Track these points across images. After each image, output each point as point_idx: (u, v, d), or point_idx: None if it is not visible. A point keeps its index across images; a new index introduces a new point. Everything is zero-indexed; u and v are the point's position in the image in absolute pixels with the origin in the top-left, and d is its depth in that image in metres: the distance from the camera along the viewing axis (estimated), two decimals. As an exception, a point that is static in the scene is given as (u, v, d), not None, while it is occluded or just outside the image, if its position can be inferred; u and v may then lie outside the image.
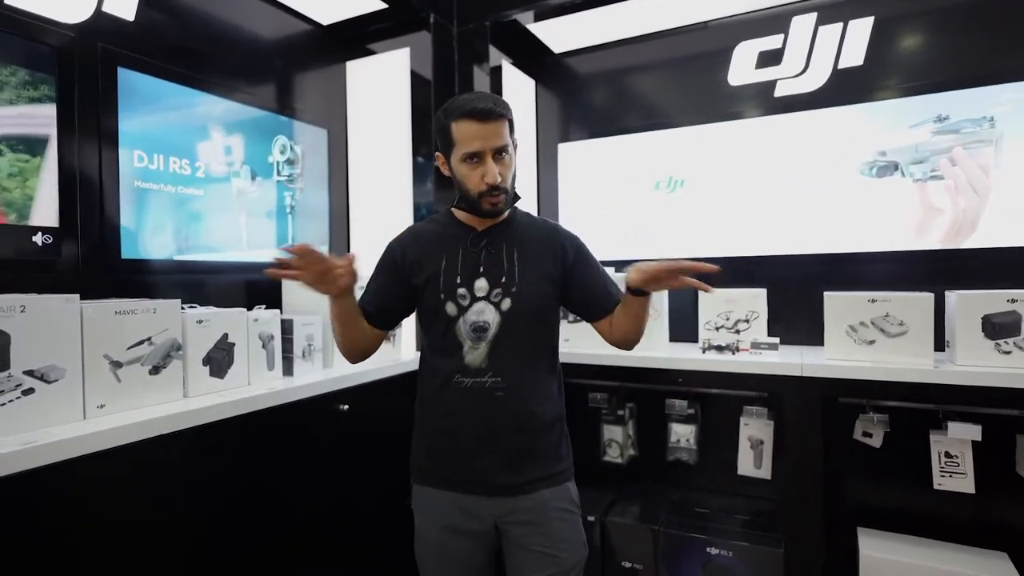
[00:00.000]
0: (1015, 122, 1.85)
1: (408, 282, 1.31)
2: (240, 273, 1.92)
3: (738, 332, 2.04)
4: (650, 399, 2.18)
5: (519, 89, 2.55)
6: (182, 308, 1.41)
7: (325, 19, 2.22)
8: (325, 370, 1.82)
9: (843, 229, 2.07)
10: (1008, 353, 1.59)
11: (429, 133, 2.23)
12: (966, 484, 1.68)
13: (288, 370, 1.69)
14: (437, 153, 1.30)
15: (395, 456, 2.07)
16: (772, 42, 2.19)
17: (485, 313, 1.24)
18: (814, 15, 2.12)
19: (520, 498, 1.24)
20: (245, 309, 1.57)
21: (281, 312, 1.77)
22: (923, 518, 1.85)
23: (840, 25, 2.08)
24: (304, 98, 2.18)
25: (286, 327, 1.69)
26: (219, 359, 1.48)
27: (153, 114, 1.65)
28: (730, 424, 2.06)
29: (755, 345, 1.93)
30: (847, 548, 1.87)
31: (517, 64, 2.52)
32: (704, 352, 1.97)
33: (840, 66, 2.09)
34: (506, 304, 1.25)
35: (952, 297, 1.69)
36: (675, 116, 2.37)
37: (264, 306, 1.67)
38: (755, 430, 1.94)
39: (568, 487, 1.31)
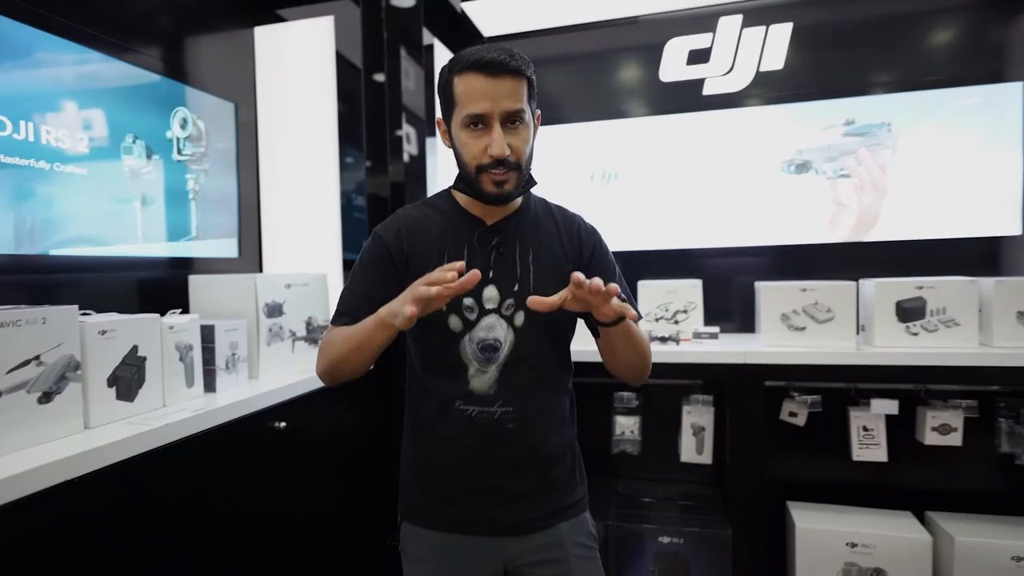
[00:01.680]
0: (909, 128, 2.07)
1: (401, 281, 1.05)
2: (133, 271, 1.60)
3: (677, 323, 2.09)
4: (596, 393, 2.17)
5: (447, 71, 2.40)
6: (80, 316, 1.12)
7: (229, -25, 1.92)
8: (251, 382, 1.57)
9: (769, 223, 2.20)
10: (916, 335, 1.77)
11: (354, 116, 2.02)
12: (880, 453, 1.86)
13: (210, 385, 1.44)
14: (438, 119, 1.07)
15: (354, 479, 1.88)
16: (701, 41, 2.26)
17: (496, 329, 1.03)
18: (739, 17, 2.21)
19: (535, 535, 1.07)
20: (158, 315, 1.30)
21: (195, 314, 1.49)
22: (844, 487, 2.03)
23: (763, 28, 2.19)
24: (207, 65, 1.87)
25: (207, 335, 1.43)
26: (128, 378, 1.20)
27: (18, 70, 1.30)
28: (671, 413, 2.11)
29: (696, 335, 1.99)
30: (780, 522, 2.01)
31: (447, 45, 2.37)
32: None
33: (762, 68, 2.21)
34: (520, 318, 1.04)
35: (869, 285, 1.85)
36: (608, 109, 2.37)
37: (179, 310, 1.40)
38: (697, 417, 2.00)
39: (585, 518, 1.15)
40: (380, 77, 2.02)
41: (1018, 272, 2.01)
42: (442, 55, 2.33)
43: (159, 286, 1.68)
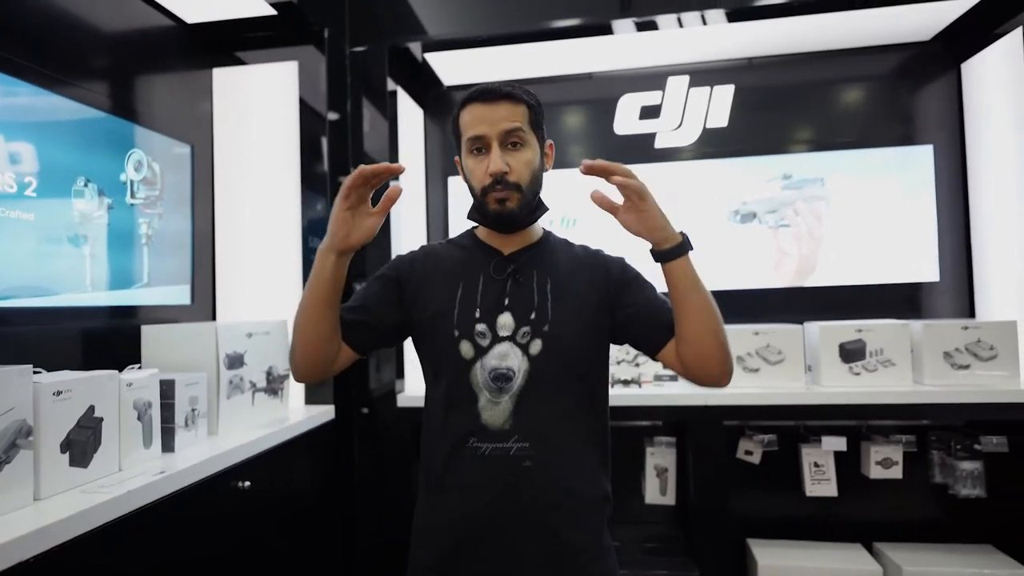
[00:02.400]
0: (839, 183, 2.27)
1: (403, 306, 1.04)
2: (79, 320, 1.49)
3: (638, 365, 2.15)
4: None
5: (410, 118, 2.43)
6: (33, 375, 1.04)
7: (190, 16, 1.88)
8: (211, 439, 1.48)
9: (718, 268, 2.33)
10: (858, 375, 1.91)
11: (316, 160, 2.00)
12: (831, 488, 1.96)
13: (168, 444, 1.34)
14: (456, 158, 1.07)
15: (320, 534, 1.78)
16: (652, 98, 2.40)
17: (509, 358, 0.97)
18: (686, 78, 2.38)
19: None
20: (116, 371, 1.21)
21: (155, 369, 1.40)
22: (798, 522, 2.12)
23: (708, 89, 2.37)
24: (164, 107, 1.81)
25: (166, 390, 1.34)
26: (83, 442, 1.11)
27: (-36, 110, 1.22)
28: (634, 455, 2.15)
29: (657, 377, 2.05)
30: (742, 560, 2.06)
31: (409, 93, 2.41)
32: (612, 387, 2.04)
33: (709, 125, 2.37)
34: (536, 347, 0.98)
35: (814, 328, 1.98)
36: (567, 158, 2.46)
37: (138, 365, 1.31)
38: (660, 458, 2.05)
39: None
40: (340, 119, 2.02)
41: (938, 314, 2.22)
42: (405, 102, 2.36)
43: (109, 337, 1.57)
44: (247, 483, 1.41)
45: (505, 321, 0.99)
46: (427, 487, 1.02)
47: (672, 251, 0.95)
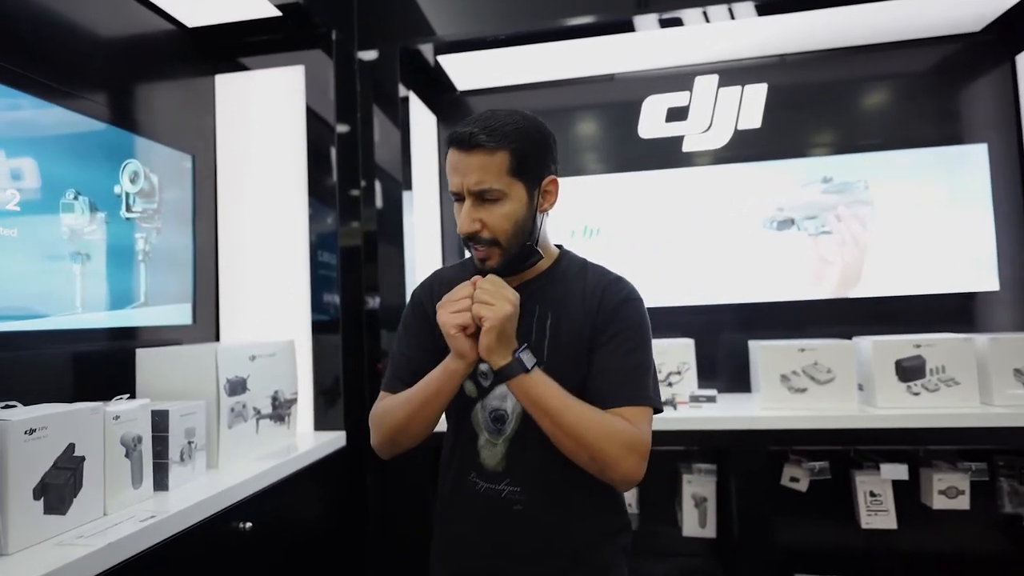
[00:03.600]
0: (885, 185, 2.11)
1: (439, 340, 0.95)
2: (69, 344, 1.37)
3: (671, 384, 1.99)
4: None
5: (423, 124, 2.31)
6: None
7: (191, 20, 1.78)
8: (211, 474, 1.35)
9: (753, 279, 2.17)
10: (917, 395, 1.74)
11: (324, 170, 1.88)
12: (889, 520, 1.78)
13: (161, 483, 1.21)
14: None
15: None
16: (679, 99, 2.27)
17: (507, 399, 0.95)
18: (715, 77, 2.24)
19: None
20: (101, 404, 1.08)
21: (146, 400, 1.28)
22: (849, 555, 1.94)
23: (739, 88, 2.22)
24: (163, 115, 1.70)
25: (159, 422, 1.21)
26: (60, 486, 0.98)
27: (-62, 117, 1.11)
28: (667, 483, 1.98)
29: (694, 399, 1.89)
30: (790, 599, 1.88)
31: (422, 99, 2.29)
32: (645, 409, 1.88)
33: (740, 127, 2.22)
34: None
35: (865, 344, 1.81)
36: (588, 164, 2.33)
37: (127, 395, 1.18)
38: (699, 487, 1.88)
39: None
40: (350, 130, 1.90)
41: (998, 326, 2.04)
42: (417, 108, 2.24)
43: (101, 363, 1.45)
44: (248, 524, 1.27)
45: None
46: (438, 517, 1.04)
47: (500, 373, 0.87)
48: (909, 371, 1.75)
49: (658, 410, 0.93)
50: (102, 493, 1.06)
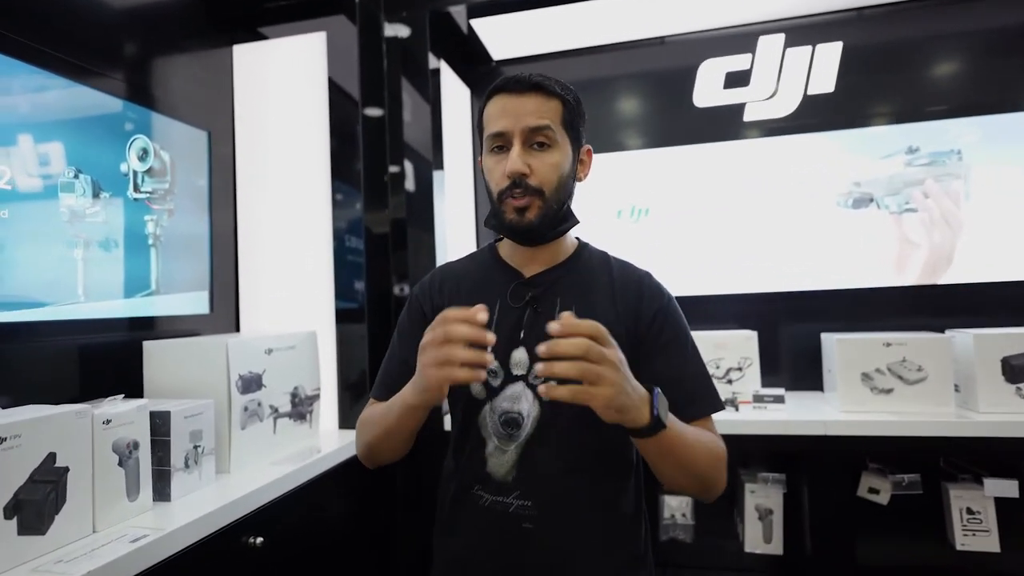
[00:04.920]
0: (982, 155, 1.83)
1: None
2: (71, 335, 1.26)
3: (730, 382, 1.78)
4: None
5: (455, 97, 2.13)
6: (-37, 420, 0.78)
7: (204, -16, 1.64)
8: (220, 478, 1.22)
9: (824, 263, 1.92)
10: (1029, 398, 1.48)
11: (349, 146, 1.73)
12: (991, 542, 1.54)
13: (163, 492, 1.08)
14: (479, 159, 0.92)
15: None
16: (739, 62, 2.02)
17: (521, 401, 0.85)
18: (781, 36, 1.98)
19: None
20: (88, 406, 0.96)
21: (143, 399, 1.16)
22: (943, 582, 1.70)
23: (809, 48, 1.96)
24: (176, 88, 1.57)
25: (159, 425, 1.09)
26: (37, 502, 0.85)
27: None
28: (728, 492, 1.77)
29: (758, 398, 1.68)
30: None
31: (455, 70, 2.11)
32: (702, 409, 1.68)
33: (810, 92, 1.97)
34: None
35: (965, 338, 1.56)
36: (636, 138, 2.11)
37: (122, 395, 1.05)
38: (763, 498, 1.67)
39: None
40: (378, 111, 1.74)
41: (1122, 319, 1.75)
42: (449, 80, 2.06)
43: (108, 356, 1.33)
44: (259, 539, 1.13)
45: (519, 358, 0.86)
46: (437, 523, 0.96)
47: (638, 432, 0.73)
48: (1019, 370, 1.49)
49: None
50: (90, 508, 0.94)
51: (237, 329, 1.77)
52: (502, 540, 0.85)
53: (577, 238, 0.98)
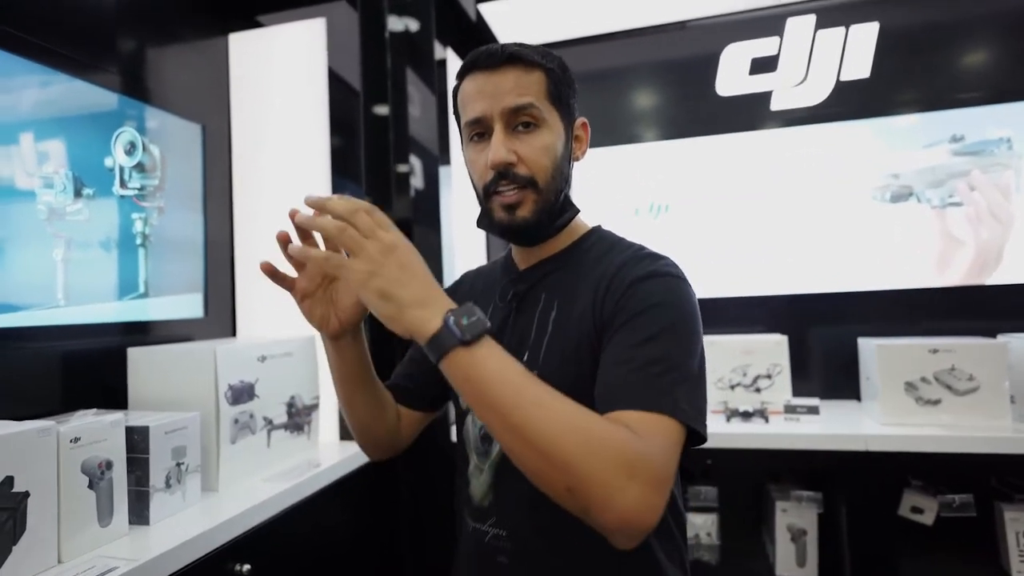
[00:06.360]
0: (1035, 144, 1.68)
1: None
2: (49, 341, 1.17)
3: (759, 391, 1.66)
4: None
5: (463, 89, 2.03)
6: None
7: (198, -31, 1.55)
8: (206, 498, 1.13)
9: (859, 262, 1.79)
10: (1095, 411, 1.34)
11: (350, 139, 1.63)
12: (1050, 570, 1.40)
13: (140, 514, 0.99)
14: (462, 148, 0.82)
15: None
16: (766, 47, 1.89)
17: None
18: (812, 18, 1.85)
19: None
20: (53, 422, 0.87)
21: (126, 413, 1.06)
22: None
23: (842, 30, 1.83)
24: (167, 78, 1.48)
25: (137, 441, 0.99)
26: (-8, 531, 0.77)
27: None
28: (756, 511, 1.66)
29: (789, 409, 1.55)
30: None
31: (460, 58, 2.01)
32: (728, 420, 1.56)
33: (843, 77, 1.83)
34: None
35: (1021, 344, 1.42)
36: (655, 129, 1.99)
37: (94, 410, 0.96)
38: (796, 518, 1.55)
39: None
40: (382, 108, 1.64)
41: None
42: (454, 68, 1.96)
43: (89, 365, 1.24)
44: (247, 567, 1.04)
45: None
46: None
47: (429, 345, 0.58)
48: (1084, 380, 1.35)
49: (695, 432, 0.61)
50: (55, 536, 0.84)
51: (234, 333, 1.68)
52: (481, 574, 0.77)
53: (587, 225, 0.83)
